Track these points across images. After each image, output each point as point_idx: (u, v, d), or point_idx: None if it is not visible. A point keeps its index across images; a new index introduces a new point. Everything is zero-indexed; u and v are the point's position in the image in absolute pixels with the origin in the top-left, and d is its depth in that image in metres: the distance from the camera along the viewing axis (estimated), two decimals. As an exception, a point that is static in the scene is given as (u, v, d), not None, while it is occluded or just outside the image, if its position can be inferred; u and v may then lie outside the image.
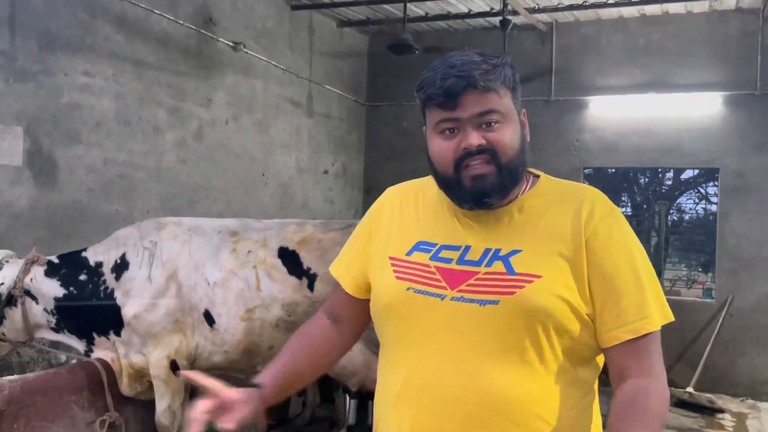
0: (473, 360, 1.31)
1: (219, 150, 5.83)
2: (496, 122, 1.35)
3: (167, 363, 3.42)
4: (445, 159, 1.37)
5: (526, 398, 1.30)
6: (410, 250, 1.43)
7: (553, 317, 1.29)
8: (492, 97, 1.34)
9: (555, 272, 1.31)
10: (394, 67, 7.80)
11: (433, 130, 1.40)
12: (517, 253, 1.34)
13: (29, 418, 3.05)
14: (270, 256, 3.50)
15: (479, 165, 1.34)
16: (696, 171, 10.91)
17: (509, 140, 1.36)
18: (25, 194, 4.19)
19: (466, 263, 1.36)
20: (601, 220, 1.35)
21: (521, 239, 1.36)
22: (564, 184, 1.46)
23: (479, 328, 1.31)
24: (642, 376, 1.31)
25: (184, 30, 5.34)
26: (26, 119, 4.19)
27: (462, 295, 1.33)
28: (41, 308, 3.51)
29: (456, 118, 1.35)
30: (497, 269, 1.33)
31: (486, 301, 1.31)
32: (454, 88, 1.33)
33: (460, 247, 1.38)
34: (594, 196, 1.41)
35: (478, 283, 1.33)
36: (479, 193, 1.35)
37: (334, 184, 7.62)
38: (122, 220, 4.60)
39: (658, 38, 7.03)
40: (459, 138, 1.35)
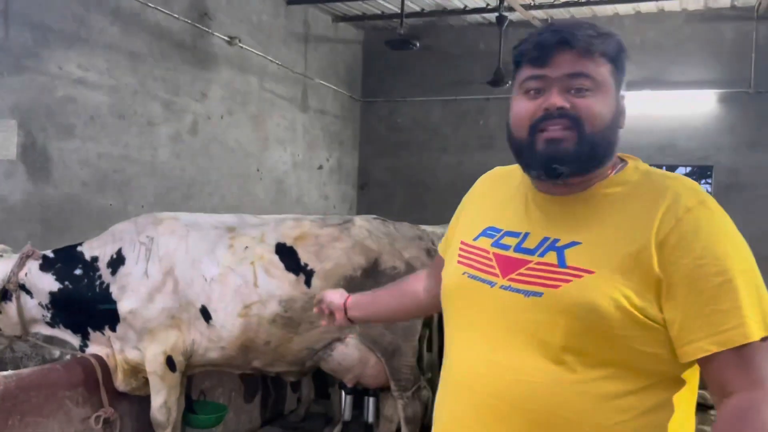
0: (509, 352, 1.24)
1: (214, 144, 5.80)
2: (587, 89, 1.23)
3: (163, 359, 3.40)
4: (523, 120, 1.26)
5: (558, 401, 1.19)
6: (477, 235, 1.38)
7: (600, 318, 1.16)
8: (587, 62, 1.23)
9: (613, 270, 1.18)
10: (389, 63, 7.80)
11: (518, 89, 1.29)
12: (575, 245, 1.23)
13: (24, 413, 3.02)
14: (267, 252, 3.49)
15: (557, 129, 1.22)
16: (688, 168, 10.97)
17: (598, 111, 1.23)
18: (19, 188, 4.16)
19: (521, 251, 1.28)
20: (687, 213, 1.18)
21: (584, 231, 1.24)
22: (652, 173, 1.29)
23: (520, 319, 1.23)
24: (750, 389, 1.14)
25: (179, 24, 5.31)
26: (20, 112, 4.15)
27: (510, 284, 1.26)
28: (36, 302, 3.48)
29: (543, 76, 1.24)
30: (549, 260, 1.24)
31: (531, 292, 1.23)
32: (546, 42, 1.23)
33: (520, 234, 1.31)
34: (681, 187, 1.23)
35: (528, 272, 1.25)
36: (550, 158, 1.23)
37: (329, 179, 7.61)
38: (116, 215, 4.57)
39: (653, 36, 7.04)
40: (543, 99, 1.24)
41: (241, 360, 3.55)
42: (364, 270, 3.47)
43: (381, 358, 3.45)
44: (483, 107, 7.74)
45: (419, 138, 8.02)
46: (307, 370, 3.83)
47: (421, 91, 7.92)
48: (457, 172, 7.66)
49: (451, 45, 7.77)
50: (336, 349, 3.58)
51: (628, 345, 1.18)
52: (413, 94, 7.86)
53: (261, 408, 4.84)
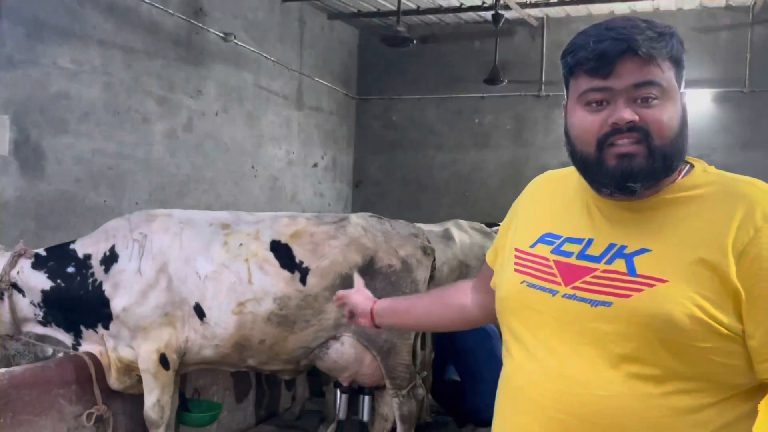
0: (576, 365, 1.18)
1: (208, 141, 5.78)
2: (655, 98, 1.16)
3: (156, 357, 3.38)
4: (588, 134, 1.19)
5: (630, 416, 1.14)
6: (534, 243, 1.32)
7: (675, 329, 1.11)
8: (653, 68, 1.15)
9: (686, 279, 1.12)
10: (385, 61, 7.78)
11: (576, 101, 1.21)
12: (644, 252, 1.16)
13: (16, 411, 3.00)
14: (262, 249, 3.47)
15: (627, 144, 1.16)
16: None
17: (667, 120, 1.17)
18: (12, 184, 4.13)
19: (585, 258, 1.22)
20: (766, 222, 1.12)
21: (653, 238, 1.17)
22: (725, 178, 1.23)
23: (587, 331, 1.17)
24: None
25: (174, 20, 5.28)
26: (13, 108, 4.12)
27: (575, 292, 1.19)
28: (28, 301, 3.45)
29: (607, 88, 1.16)
30: (617, 268, 1.17)
31: (598, 302, 1.16)
32: (609, 52, 1.14)
33: (582, 240, 1.24)
34: (758, 193, 1.16)
35: (593, 281, 1.18)
36: (624, 176, 1.16)
37: (324, 177, 7.59)
38: (110, 211, 4.54)
39: (649, 35, 7.05)
40: (608, 112, 1.17)
41: (236, 358, 3.53)
42: (360, 268, 3.45)
43: (377, 356, 3.44)
44: (478, 105, 7.74)
45: (414, 136, 8.01)
46: (302, 369, 3.82)
47: (416, 89, 7.91)
48: (452, 171, 7.65)
49: (446, 43, 7.76)
50: (331, 347, 3.56)
51: (705, 356, 1.13)
52: (408, 92, 7.85)
53: (255, 406, 4.82)
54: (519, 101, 7.51)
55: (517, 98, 7.49)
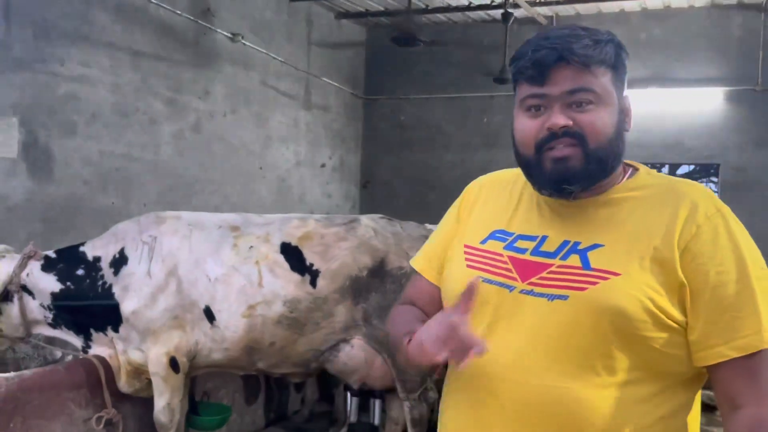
0: (533, 357, 1.22)
1: (216, 142, 5.76)
2: (589, 103, 1.22)
3: (166, 360, 3.37)
4: (528, 138, 1.25)
5: (585, 406, 1.18)
6: (485, 239, 1.35)
7: (627, 321, 1.16)
8: (587, 75, 1.22)
9: (638, 272, 1.18)
10: (392, 61, 7.75)
11: (519, 106, 1.28)
12: (597, 247, 1.22)
13: (26, 415, 2.99)
14: (272, 251, 3.45)
15: (563, 148, 1.22)
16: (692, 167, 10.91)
17: (601, 124, 1.22)
18: (21, 187, 4.12)
19: (540, 254, 1.26)
20: (707, 220, 1.20)
21: (605, 234, 1.24)
22: (666, 179, 1.31)
23: (544, 324, 1.21)
24: (759, 404, 1.16)
25: (182, 20, 5.27)
26: (22, 110, 4.12)
27: (532, 288, 1.24)
28: (38, 303, 3.45)
29: (543, 95, 1.23)
30: (572, 263, 1.22)
31: (555, 295, 1.21)
32: (544, 60, 1.21)
33: (536, 238, 1.29)
34: (698, 194, 1.25)
35: (550, 276, 1.23)
36: (559, 179, 1.23)
37: (332, 178, 7.57)
38: (119, 213, 4.53)
39: (660, 33, 6.99)
40: (545, 117, 1.23)
41: (246, 361, 3.51)
42: (370, 270, 3.42)
43: (387, 359, 3.41)
44: (487, 105, 7.69)
45: (422, 136, 7.98)
46: (312, 372, 3.79)
47: (424, 89, 7.88)
48: (460, 171, 7.61)
49: (455, 42, 7.72)
50: (342, 350, 3.54)
51: (652, 346, 1.19)
52: (417, 92, 7.82)
53: (265, 409, 4.80)
54: (528, 100, 7.47)
55: (526, 97, 7.44)
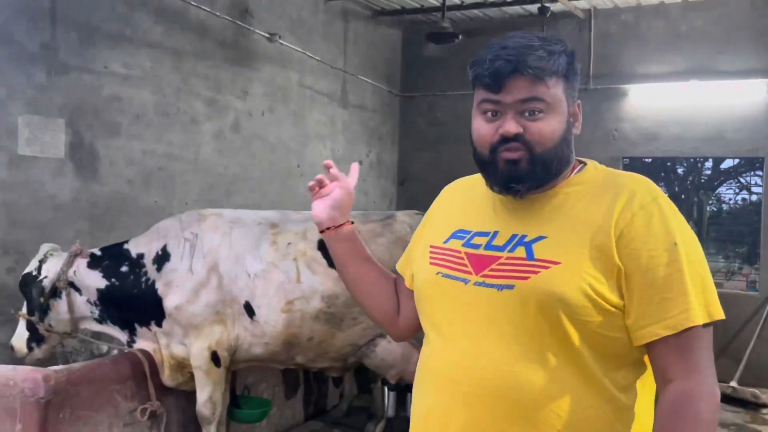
0: (488, 345, 1.31)
1: (255, 141, 5.84)
2: (540, 111, 1.32)
3: (208, 354, 3.44)
4: (483, 140, 1.37)
5: (535, 388, 1.27)
6: (447, 238, 1.46)
7: (569, 307, 1.25)
8: (539, 86, 1.31)
9: (576, 260, 1.28)
10: (428, 57, 7.75)
11: (476, 108, 1.39)
12: (541, 239, 1.32)
13: (74, 407, 3.09)
14: (310, 248, 3.50)
15: (513, 151, 1.33)
16: (736, 160, 10.66)
17: (549, 132, 1.33)
18: (68, 186, 4.24)
19: (491, 248, 1.37)
20: (641, 209, 1.29)
21: (548, 226, 1.34)
22: (609, 173, 1.41)
23: (495, 313, 1.31)
24: (687, 378, 1.25)
25: (220, 22, 5.35)
26: (68, 112, 4.24)
27: (484, 280, 1.34)
28: (84, 299, 3.56)
29: (498, 102, 1.34)
30: (518, 254, 1.33)
31: (503, 285, 1.31)
32: (500, 71, 1.31)
33: (489, 233, 1.39)
34: (636, 185, 1.34)
35: (499, 267, 1.33)
36: (509, 178, 1.34)
37: (368, 175, 7.61)
38: (161, 211, 4.63)
39: (701, 24, 6.85)
40: (499, 123, 1.34)
41: (285, 355, 3.57)
42: (407, 266, 3.45)
43: (424, 354, 3.43)
44: (524, 100, 7.64)
45: (459, 132, 7.95)
46: (350, 366, 3.83)
47: (460, 86, 7.84)
48: (497, 167, 7.57)
49: (491, 38, 7.67)
50: (379, 345, 3.57)
51: (593, 330, 1.27)
52: (453, 89, 7.80)
53: (304, 403, 4.86)
54: (566, 95, 7.39)
55: (563, 92, 7.37)
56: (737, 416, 5.57)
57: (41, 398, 2.91)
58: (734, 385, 5.90)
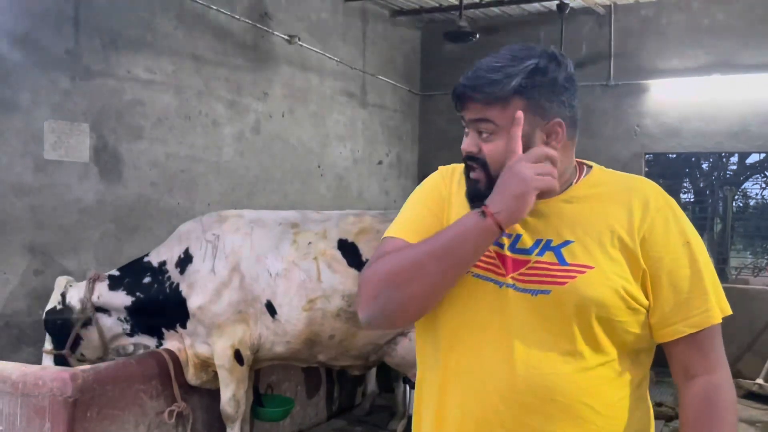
0: (523, 349, 1.31)
1: (276, 142, 5.89)
2: (490, 133, 1.34)
3: (231, 353, 3.49)
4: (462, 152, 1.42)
5: (574, 388, 1.30)
6: None
7: (605, 308, 1.29)
8: (491, 108, 1.32)
9: (608, 263, 1.31)
10: (448, 56, 7.74)
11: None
12: (568, 243, 1.33)
13: (101, 406, 3.15)
14: (330, 247, 3.53)
15: (474, 170, 1.37)
16: (762, 155, 10.50)
17: (498, 153, 1.33)
18: (92, 189, 4.32)
19: (518, 251, 1.35)
20: (658, 212, 1.34)
21: (572, 230, 1.34)
22: (617, 176, 1.44)
23: (531, 318, 1.31)
24: (712, 371, 1.33)
25: (240, 24, 5.41)
26: (92, 116, 4.31)
27: (515, 283, 1.33)
28: (114, 319, 3.64)
29: (463, 117, 1.39)
30: (548, 259, 1.33)
31: (538, 291, 1.31)
32: (459, 93, 1.36)
33: (510, 235, 1.36)
34: (648, 188, 1.39)
35: (529, 272, 1.33)
36: (471, 195, 1.38)
37: (389, 174, 7.63)
38: (185, 213, 4.70)
39: (723, 18, 6.77)
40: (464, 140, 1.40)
41: (307, 354, 3.60)
42: (427, 264, 3.46)
43: (445, 352, 3.44)
44: (544, 97, 7.60)
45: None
46: (371, 365, 3.86)
47: (480, 83, 7.84)
48: (518, 164, 7.55)
49: (510, 35, 7.66)
50: (400, 343, 3.59)
51: (624, 329, 1.32)
52: (472, 87, 7.79)
53: (326, 402, 4.90)
54: (587, 92, 7.35)
55: (584, 88, 7.26)
56: (764, 413, 5.51)
57: (69, 397, 2.97)
58: (761, 382, 5.82)
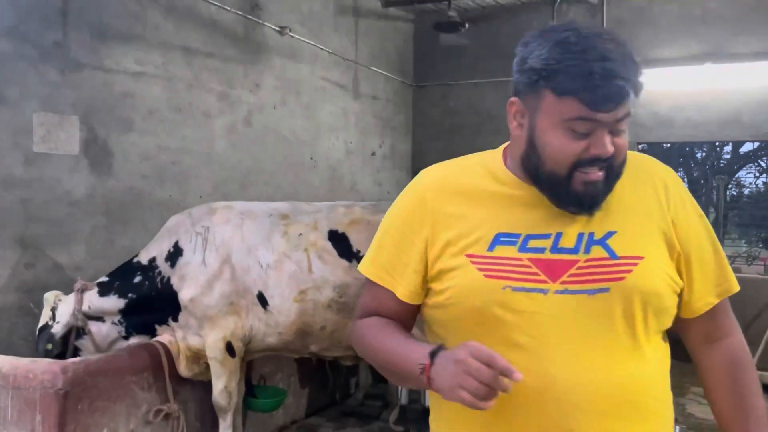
0: (589, 353, 1.24)
1: (268, 134, 5.88)
2: (625, 128, 1.25)
3: (223, 345, 3.50)
4: (566, 159, 1.22)
5: (642, 383, 1.28)
6: (491, 245, 1.28)
7: (661, 298, 1.28)
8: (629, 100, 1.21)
9: (654, 251, 1.28)
10: (440, 46, 7.73)
11: (559, 122, 1.22)
12: (612, 235, 1.27)
13: (92, 398, 3.15)
14: (320, 238, 3.53)
15: (596, 171, 1.23)
16: (756, 144, 10.53)
17: (626, 145, 1.26)
18: (83, 182, 4.31)
19: (561, 251, 1.25)
20: (676, 191, 1.35)
21: (612, 220, 1.28)
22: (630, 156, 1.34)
23: (591, 318, 1.23)
24: (735, 332, 1.41)
25: (231, 16, 5.39)
26: (81, 109, 4.29)
27: (565, 287, 1.23)
28: (109, 324, 3.63)
29: (595, 120, 1.20)
30: (598, 255, 1.25)
31: (595, 290, 1.23)
32: (615, 98, 1.18)
33: (549, 235, 1.27)
34: (658, 167, 1.39)
35: (581, 272, 1.24)
36: (590, 201, 1.25)
37: (382, 166, 7.62)
38: (176, 206, 4.68)
39: (715, 6, 6.77)
40: (588, 141, 1.21)
41: (299, 345, 3.61)
42: (417, 254, 3.47)
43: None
44: (537, 88, 7.60)
45: (472, 121, 7.95)
46: (363, 355, 3.86)
47: (473, 74, 7.84)
48: (511, 155, 7.55)
49: (503, 25, 7.65)
50: (391, 333, 3.59)
51: (669, 314, 1.32)
52: (465, 77, 7.79)
53: (319, 392, 4.91)
54: (579, 81, 7.35)
55: (576, 78, 7.32)
56: (756, 401, 5.53)
57: (60, 389, 2.98)
58: (753, 369, 5.85)
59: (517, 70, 1.30)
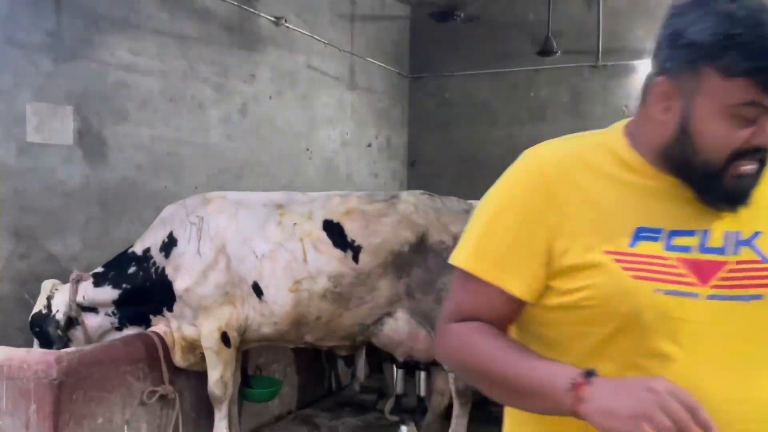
0: (744, 368, 1.11)
1: (263, 125, 5.86)
2: None
3: (218, 335, 3.50)
4: (725, 147, 1.08)
5: None
6: (632, 240, 1.13)
7: None
8: None
9: None
10: (437, 38, 7.71)
11: (723, 107, 1.07)
12: (759, 235, 1.13)
13: (87, 388, 3.16)
14: (315, 228, 3.53)
15: (753, 163, 1.09)
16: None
17: None
18: (78, 172, 4.29)
19: (709, 251, 1.12)
20: None
21: (756, 218, 1.14)
22: None
23: (745, 328, 1.11)
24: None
25: (226, 6, 5.36)
26: (75, 99, 4.27)
27: (716, 292, 1.10)
28: (102, 315, 3.63)
29: (764, 106, 1.05)
30: (748, 257, 1.12)
31: (749, 296, 1.11)
32: None
33: (694, 233, 1.13)
34: None
35: (731, 275, 1.11)
36: (742, 195, 1.11)
37: (378, 157, 7.61)
38: (171, 196, 4.67)
39: (711, -3, 6.76)
40: (752, 130, 1.06)
41: (294, 335, 3.61)
42: (412, 245, 3.47)
43: (431, 332, 3.46)
44: (533, 79, 7.60)
45: (468, 113, 7.94)
46: (358, 345, 3.88)
47: (469, 65, 7.82)
48: (507, 146, 7.55)
49: (498, 16, 7.63)
50: (386, 324, 3.60)
51: None
52: (461, 69, 7.77)
53: (315, 382, 4.92)
54: (575, 72, 7.35)
55: (572, 69, 7.33)
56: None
57: (54, 380, 2.98)
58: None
59: (668, 46, 1.11)
